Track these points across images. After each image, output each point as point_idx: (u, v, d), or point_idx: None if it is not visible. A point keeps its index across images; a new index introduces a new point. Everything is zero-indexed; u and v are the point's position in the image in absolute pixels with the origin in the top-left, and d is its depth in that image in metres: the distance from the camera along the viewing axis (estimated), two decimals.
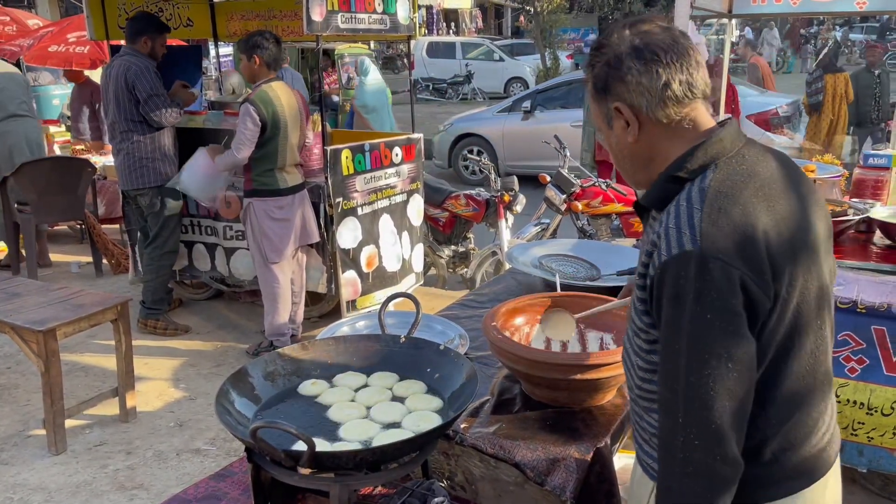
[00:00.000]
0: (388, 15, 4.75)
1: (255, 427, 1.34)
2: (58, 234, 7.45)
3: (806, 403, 1.31)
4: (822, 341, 1.32)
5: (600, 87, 1.33)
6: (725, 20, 4.75)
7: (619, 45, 1.30)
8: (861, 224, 3.34)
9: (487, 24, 36.23)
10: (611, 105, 1.32)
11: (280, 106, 4.18)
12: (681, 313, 1.18)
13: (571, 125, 9.31)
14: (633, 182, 1.42)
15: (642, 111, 1.30)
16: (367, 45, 14.04)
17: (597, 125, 1.42)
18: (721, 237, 1.17)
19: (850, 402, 2.82)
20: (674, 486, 1.22)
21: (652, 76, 1.27)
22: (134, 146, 4.64)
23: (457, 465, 1.84)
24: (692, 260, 1.17)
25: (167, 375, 4.42)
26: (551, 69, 19.35)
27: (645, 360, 1.32)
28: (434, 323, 2.32)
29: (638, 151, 1.35)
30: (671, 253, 1.19)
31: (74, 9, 14.43)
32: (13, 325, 3.42)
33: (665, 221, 1.24)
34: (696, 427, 1.17)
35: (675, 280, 1.18)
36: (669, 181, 1.30)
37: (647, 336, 1.30)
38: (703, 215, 1.19)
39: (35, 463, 3.50)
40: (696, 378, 1.17)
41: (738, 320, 1.17)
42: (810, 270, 1.27)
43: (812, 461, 1.33)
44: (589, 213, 5.27)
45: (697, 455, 1.18)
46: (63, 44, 8.25)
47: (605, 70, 1.32)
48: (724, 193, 1.22)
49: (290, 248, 4.39)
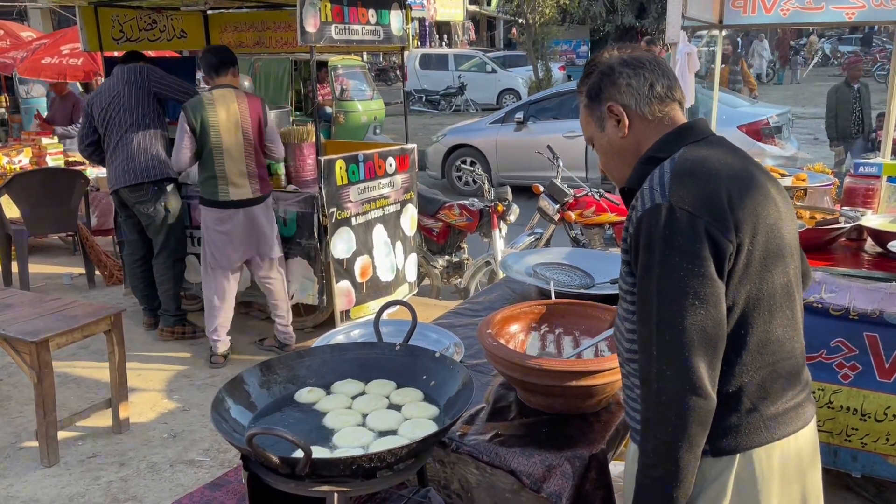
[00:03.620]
0: (382, 26, 4.77)
1: (252, 434, 1.34)
2: (50, 245, 7.42)
3: (780, 357, 1.42)
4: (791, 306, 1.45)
5: (594, 94, 1.55)
6: (716, 32, 4.79)
7: (609, 59, 1.54)
8: (852, 232, 3.36)
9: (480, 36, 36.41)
10: (603, 107, 1.53)
11: (212, 112, 4.20)
12: (652, 257, 1.33)
13: (564, 136, 9.37)
14: (621, 178, 1.57)
15: (631, 108, 1.50)
16: (360, 57, 14.10)
17: (588, 136, 1.61)
18: (687, 193, 1.35)
19: (844, 409, 2.83)
20: (651, 417, 1.34)
21: (640, 79, 1.50)
22: (140, 138, 4.66)
23: (453, 472, 1.84)
24: (662, 210, 1.33)
25: (160, 386, 4.39)
26: (543, 81, 19.48)
27: (631, 322, 1.44)
28: (429, 331, 2.32)
29: (626, 146, 1.53)
30: (644, 207, 1.36)
31: (67, 21, 14.43)
32: (6, 336, 3.41)
33: (642, 187, 1.41)
34: (668, 357, 1.31)
35: (647, 229, 1.34)
36: (646, 162, 1.48)
37: (633, 297, 1.42)
38: (671, 176, 1.38)
39: (27, 475, 3.47)
40: (667, 314, 1.31)
41: (703, 263, 1.31)
42: (772, 229, 1.40)
43: (790, 413, 1.43)
44: (582, 223, 5.29)
45: (670, 385, 1.30)
46: (57, 56, 8.27)
47: (598, 78, 1.54)
48: (691, 160, 1.42)
49: (230, 260, 4.43)
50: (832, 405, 2.84)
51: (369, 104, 12.59)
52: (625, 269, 1.45)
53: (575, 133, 9.37)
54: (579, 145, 9.28)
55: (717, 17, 4.43)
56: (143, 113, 4.68)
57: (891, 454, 2.80)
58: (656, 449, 1.32)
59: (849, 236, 3.38)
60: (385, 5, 4.76)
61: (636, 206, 1.40)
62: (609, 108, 1.52)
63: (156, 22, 5.57)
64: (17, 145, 7.30)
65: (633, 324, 1.43)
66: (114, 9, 5.28)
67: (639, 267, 1.37)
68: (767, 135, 8.66)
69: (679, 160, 1.41)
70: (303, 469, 1.35)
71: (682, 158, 1.42)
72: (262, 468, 1.44)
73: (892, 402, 2.75)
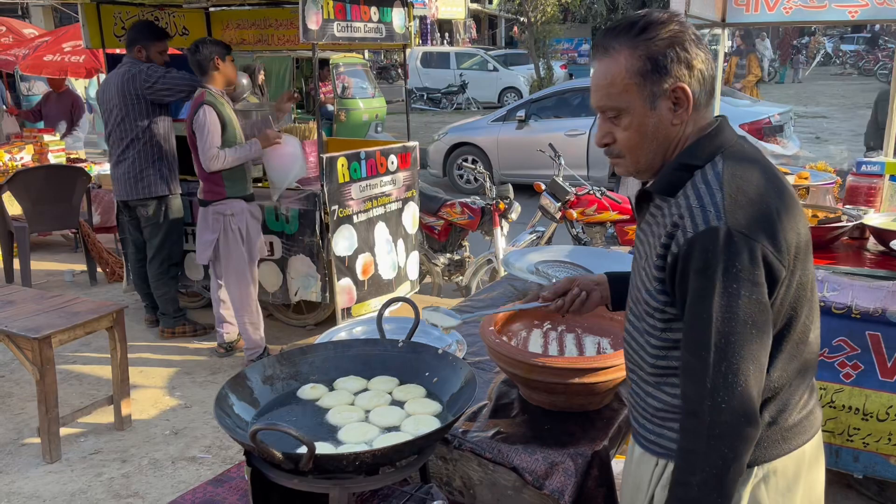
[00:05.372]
0: (384, 24, 4.77)
1: (255, 429, 1.34)
2: (52, 242, 7.42)
3: (802, 371, 1.40)
4: (813, 313, 1.41)
5: (659, 64, 1.34)
6: (718, 30, 4.78)
7: (678, 28, 1.35)
8: (855, 230, 3.36)
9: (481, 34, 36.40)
10: (667, 85, 1.35)
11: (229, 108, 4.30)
12: (709, 284, 1.26)
13: (566, 134, 9.37)
14: (645, 169, 1.44)
15: (696, 95, 1.36)
16: (361, 55, 14.09)
17: (615, 105, 1.38)
18: (743, 215, 1.27)
19: (846, 408, 2.83)
20: (699, 449, 1.27)
21: (709, 66, 1.37)
22: (139, 154, 4.64)
23: (455, 469, 1.84)
24: (719, 234, 1.25)
25: (162, 383, 4.40)
26: (545, 79, 19.46)
27: (660, 339, 1.39)
28: (431, 328, 2.32)
29: (671, 136, 1.39)
30: (697, 229, 1.27)
31: (69, 18, 14.44)
32: (8, 332, 3.41)
33: (685, 203, 1.32)
34: (725, 390, 1.25)
35: (702, 254, 1.26)
36: (680, 168, 1.37)
37: (662, 315, 1.37)
38: (724, 195, 1.28)
39: (29, 471, 3.48)
40: (724, 344, 1.25)
41: (760, 290, 1.26)
42: (808, 247, 1.37)
43: (804, 423, 1.42)
44: (584, 222, 5.29)
45: (725, 417, 1.25)
46: (59, 53, 8.26)
47: (668, 47, 1.34)
48: (739, 176, 1.32)
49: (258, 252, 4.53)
50: (834, 405, 2.84)
51: (371, 102, 12.59)
52: (656, 287, 1.36)
53: (577, 131, 9.37)
54: (581, 144, 9.28)
55: (719, 15, 4.43)
56: (142, 129, 4.63)
57: (893, 454, 2.79)
58: (705, 482, 1.26)
59: (851, 235, 3.38)
60: (387, 3, 4.76)
61: (682, 224, 1.30)
62: (678, 88, 1.34)
63: (158, 19, 5.57)
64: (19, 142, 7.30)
65: (661, 341, 1.39)
66: (116, 6, 5.27)
67: (691, 292, 1.29)
68: (769, 133, 8.65)
69: (727, 176, 1.31)
70: (306, 465, 1.35)
71: (731, 175, 1.32)
72: (265, 464, 1.44)
73: (894, 402, 2.75)
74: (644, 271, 1.41)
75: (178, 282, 5.06)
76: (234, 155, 4.18)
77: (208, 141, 4.11)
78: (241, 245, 4.31)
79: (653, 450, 1.47)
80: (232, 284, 4.40)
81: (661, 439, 1.44)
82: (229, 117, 4.22)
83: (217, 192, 4.27)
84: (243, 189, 4.35)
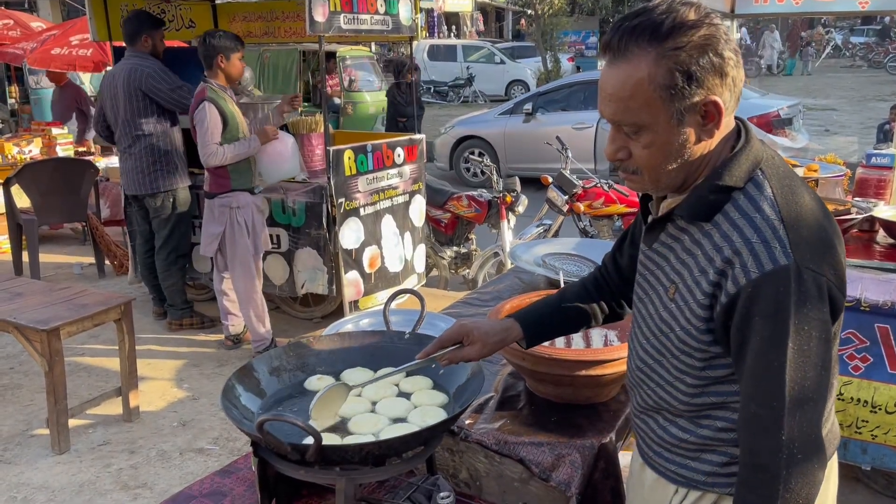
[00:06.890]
0: (391, 16, 4.76)
1: (262, 420, 1.34)
2: (60, 235, 7.45)
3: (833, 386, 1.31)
4: None
5: (690, 73, 1.14)
6: (728, 21, 4.75)
7: (714, 34, 1.15)
8: (864, 223, 3.34)
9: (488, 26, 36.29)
10: (698, 98, 1.16)
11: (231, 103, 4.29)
12: (782, 329, 1.13)
13: (573, 127, 9.34)
14: (665, 188, 1.28)
15: (725, 105, 1.18)
16: (368, 48, 14.07)
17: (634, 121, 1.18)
18: (807, 248, 1.15)
19: (854, 400, 2.82)
20: None
21: (740, 69, 1.18)
22: (146, 149, 4.66)
23: (461, 461, 1.84)
24: (790, 273, 1.13)
25: (170, 375, 4.42)
26: (552, 72, 19.41)
27: (698, 377, 1.29)
28: (437, 320, 2.32)
29: (700, 151, 1.22)
30: (763, 269, 1.14)
31: (76, 11, 14.46)
32: (17, 324, 3.43)
33: (739, 237, 1.17)
34: (800, 441, 1.14)
35: (774, 297, 1.13)
36: (715, 190, 1.21)
37: (703, 354, 1.26)
38: (786, 227, 1.15)
39: (38, 462, 3.50)
40: (798, 392, 1.13)
41: (828, 328, 1.16)
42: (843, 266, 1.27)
43: (828, 436, 1.33)
44: (591, 215, 5.27)
45: (801, 468, 1.14)
46: (66, 46, 8.28)
47: (703, 60, 1.14)
48: (793, 201, 1.19)
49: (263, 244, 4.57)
50: (842, 397, 2.83)
51: (378, 95, 12.57)
52: (698, 326, 1.23)
53: (584, 124, 9.34)
54: (588, 137, 9.26)
55: (729, 6, 4.40)
56: (150, 124, 4.64)
57: None
58: None
59: (861, 227, 3.36)
60: None
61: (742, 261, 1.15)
62: (710, 102, 1.16)
63: (165, 12, 5.57)
64: (27, 135, 7.34)
65: (700, 380, 1.28)
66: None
67: (754, 337, 1.15)
68: (778, 126, 8.61)
69: (782, 202, 1.18)
70: (312, 456, 1.35)
71: (785, 200, 1.18)
72: (272, 454, 1.45)
73: None
74: (676, 305, 1.27)
75: (185, 273, 5.08)
76: (233, 151, 4.18)
77: (207, 137, 4.13)
78: (246, 237, 4.32)
79: (673, 478, 1.39)
80: (237, 277, 4.41)
81: (687, 470, 1.36)
82: (231, 112, 4.22)
83: (222, 185, 4.28)
84: (249, 182, 4.35)
